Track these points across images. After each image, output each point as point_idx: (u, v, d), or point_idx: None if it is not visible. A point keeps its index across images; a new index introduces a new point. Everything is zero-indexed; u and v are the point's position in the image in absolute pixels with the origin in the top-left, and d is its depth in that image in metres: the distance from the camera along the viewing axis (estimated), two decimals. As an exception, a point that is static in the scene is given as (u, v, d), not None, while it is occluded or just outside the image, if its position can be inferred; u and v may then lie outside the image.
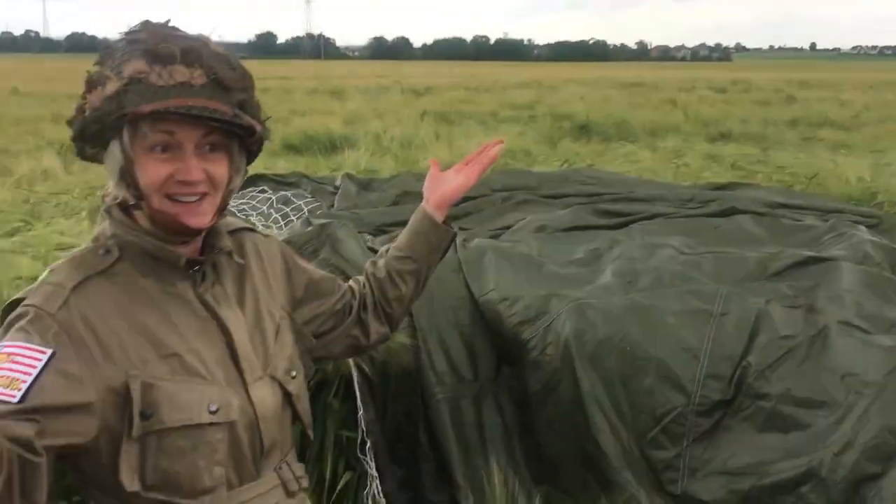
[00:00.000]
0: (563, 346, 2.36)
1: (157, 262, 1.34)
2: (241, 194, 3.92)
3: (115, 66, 1.24)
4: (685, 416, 2.19)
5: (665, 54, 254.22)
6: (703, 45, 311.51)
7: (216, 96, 1.26)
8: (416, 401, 2.54)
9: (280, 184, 4.45)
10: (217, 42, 1.33)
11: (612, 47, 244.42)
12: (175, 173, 1.27)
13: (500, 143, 1.81)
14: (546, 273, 2.76)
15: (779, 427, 2.08)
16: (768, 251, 2.80)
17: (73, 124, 1.31)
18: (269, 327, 1.47)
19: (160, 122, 1.24)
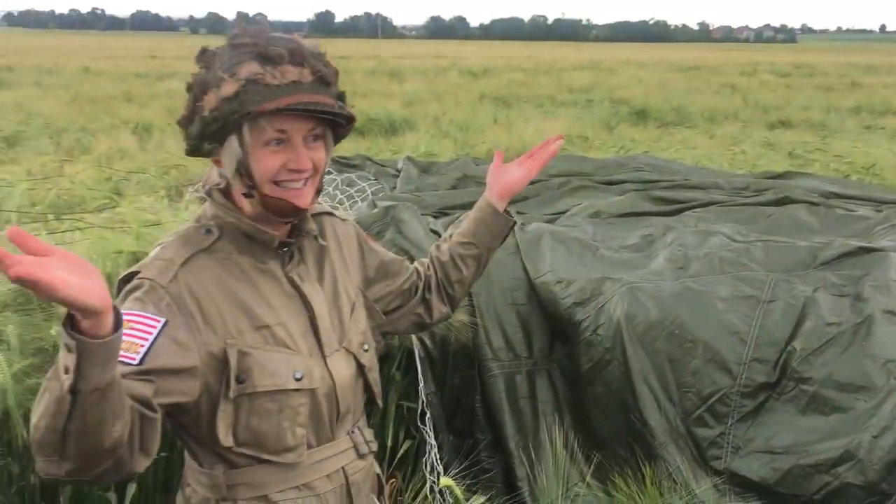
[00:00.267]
0: (614, 326, 2.47)
1: (252, 241, 1.48)
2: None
3: (227, 69, 1.34)
4: (730, 397, 2.30)
5: (728, 35, 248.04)
6: (767, 25, 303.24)
7: (321, 91, 1.38)
8: (473, 375, 2.68)
9: (345, 166, 4.62)
10: (277, 22, 1.43)
11: (672, 28, 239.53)
12: (287, 163, 1.40)
13: (561, 138, 1.91)
14: (600, 257, 2.87)
15: (820, 410, 2.18)
16: (819, 241, 2.85)
17: (188, 124, 1.42)
18: (346, 304, 1.60)
19: (276, 118, 1.36)
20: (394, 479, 2.59)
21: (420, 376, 2.65)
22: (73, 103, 11.79)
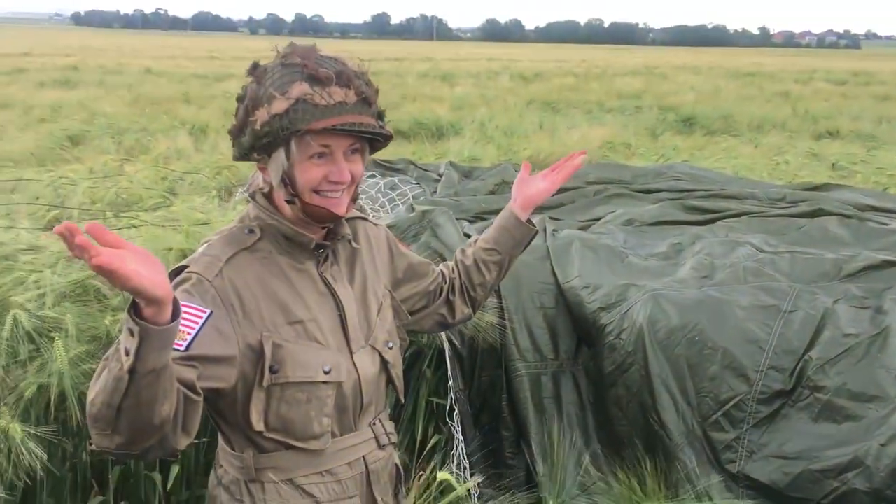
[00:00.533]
0: (637, 331, 2.56)
1: (291, 243, 1.60)
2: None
3: (279, 87, 1.45)
4: (746, 403, 2.37)
5: (789, 40, 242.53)
6: (829, 31, 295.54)
7: (364, 111, 1.50)
8: (500, 374, 2.79)
9: (388, 169, 4.76)
10: (334, 24, 1.55)
11: (732, 32, 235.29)
12: (328, 174, 1.52)
13: (584, 153, 2.02)
14: (628, 264, 2.96)
15: (833, 418, 2.23)
16: (846, 253, 2.89)
17: (239, 134, 1.53)
18: (373, 304, 1.72)
19: (321, 135, 1.47)
20: (422, 472, 2.71)
21: (449, 374, 2.76)
22: (134, 104, 12.21)
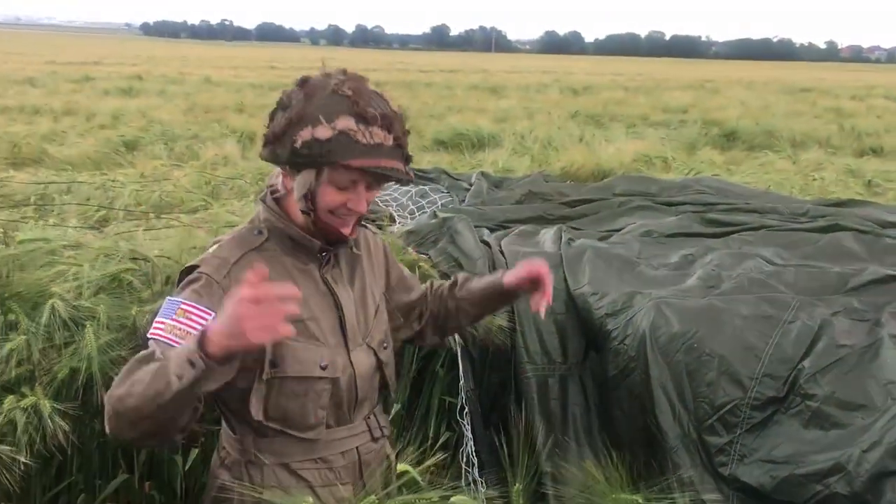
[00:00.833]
0: (639, 337, 2.65)
1: (296, 245, 1.72)
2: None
3: (325, 114, 1.54)
4: (741, 408, 2.44)
5: (857, 55, 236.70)
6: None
7: (396, 156, 1.60)
8: (510, 375, 2.91)
9: (421, 178, 4.89)
10: (393, 35, 1.67)
11: (798, 46, 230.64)
12: (347, 202, 1.63)
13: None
14: (638, 273, 3.05)
15: (821, 425, 2.30)
16: (853, 267, 2.94)
17: (275, 143, 1.61)
18: (371, 306, 1.84)
19: (354, 171, 1.58)
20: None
21: (461, 374, 2.89)
22: (189, 112, 12.65)
